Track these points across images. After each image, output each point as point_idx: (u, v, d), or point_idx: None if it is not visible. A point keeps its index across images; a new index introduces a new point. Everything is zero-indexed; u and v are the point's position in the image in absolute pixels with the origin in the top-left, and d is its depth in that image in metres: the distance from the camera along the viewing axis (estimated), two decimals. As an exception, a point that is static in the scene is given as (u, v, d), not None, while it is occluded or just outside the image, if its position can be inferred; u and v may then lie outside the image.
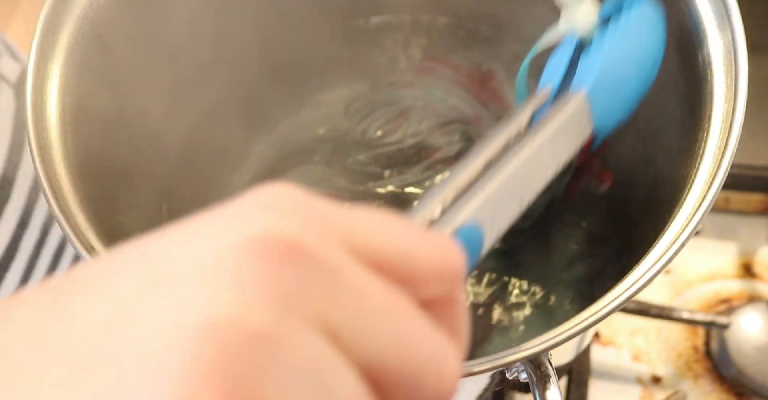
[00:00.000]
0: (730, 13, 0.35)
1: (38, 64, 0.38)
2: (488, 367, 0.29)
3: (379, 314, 0.16)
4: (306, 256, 0.15)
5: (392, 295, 0.16)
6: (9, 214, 0.52)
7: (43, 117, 0.37)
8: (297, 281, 0.15)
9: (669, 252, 0.31)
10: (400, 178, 0.54)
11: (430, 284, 0.17)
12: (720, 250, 0.61)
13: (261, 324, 0.14)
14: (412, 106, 0.56)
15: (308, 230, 0.15)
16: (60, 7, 0.39)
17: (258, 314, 0.14)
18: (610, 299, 0.30)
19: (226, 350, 0.13)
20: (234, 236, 0.15)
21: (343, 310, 0.15)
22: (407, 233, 0.17)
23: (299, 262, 0.15)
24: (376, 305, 0.16)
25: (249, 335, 0.13)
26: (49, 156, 0.36)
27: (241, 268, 0.14)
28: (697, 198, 0.32)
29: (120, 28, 0.42)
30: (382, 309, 0.16)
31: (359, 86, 0.57)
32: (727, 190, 0.60)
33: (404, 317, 0.16)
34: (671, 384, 0.56)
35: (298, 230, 0.15)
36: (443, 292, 0.17)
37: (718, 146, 0.33)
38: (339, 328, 0.15)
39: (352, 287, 0.15)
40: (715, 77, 0.35)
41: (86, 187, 0.37)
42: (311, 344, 0.14)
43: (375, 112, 0.56)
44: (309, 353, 0.14)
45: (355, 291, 0.16)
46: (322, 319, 0.15)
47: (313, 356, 0.14)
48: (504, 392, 0.53)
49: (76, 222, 0.34)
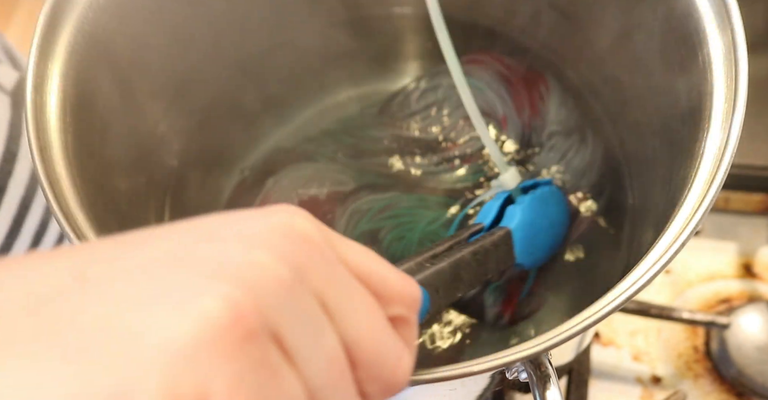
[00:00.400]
0: (730, 13, 0.35)
1: (38, 64, 0.38)
2: (488, 367, 0.29)
3: (363, 305, 0.21)
4: (318, 248, 0.20)
5: (371, 297, 0.21)
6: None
7: (43, 117, 0.37)
8: (308, 260, 0.20)
9: (669, 252, 0.31)
10: (413, 162, 0.54)
11: (395, 303, 0.22)
12: (720, 250, 0.61)
13: (283, 276, 0.19)
14: (448, 97, 0.56)
15: (319, 234, 0.21)
16: (60, 7, 0.39)
17: (281, 270, 0.19)
18: (610, 299, 0.30)
19: (261, 283, 0.18)
20: (270, 220, 0.20)
21: (338, 292, 0.20)
22: (384, 264, 0.23)
23: (313, 248, 0.20)
24: (361, 298, 0.21)
25: (275, 279, 0.18)
26: (49, 156, 0.36)
27: (274, 242, 0.19)
28: (697, 198, 0.32)
29: (120, 28, 0.42)
30: (364, 302, 0.21)
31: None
32: (727, 190, 0.60)
33: (378, 316, 0.21)
34: (671, 384, 0.56)
35: (313, 228, 0.21)
36: (403, 313, 0.22)
37: (718, 146, 0.33)
38: (332, 304, 0.20)
39: (345, 279, 0.21)
40: (715, 77, 0.35)
41: (86, 187, 0.37)
42: (311, 302, 0.19)
43: (409, 104, 0.57)
44: (310, 307, 0.19)
45: (347, 283, 0.21)
46: (320, 293, 0.20)
47: (312, 309, 0.19)
48: (504, 392, 0.53)
49: (76, 222, 0.34)
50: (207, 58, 0.51)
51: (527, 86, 0.55)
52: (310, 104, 0.59)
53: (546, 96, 0.55)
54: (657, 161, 0.44)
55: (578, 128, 0.53)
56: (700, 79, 0.36)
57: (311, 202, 0.53)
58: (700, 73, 0.36)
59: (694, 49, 0.37)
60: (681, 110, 0.39)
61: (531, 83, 0.55)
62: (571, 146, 0.53)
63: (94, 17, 0.40)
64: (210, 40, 0.50)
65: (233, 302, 0.17)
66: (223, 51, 0.52)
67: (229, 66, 0.54)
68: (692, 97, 0.37)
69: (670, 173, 0.39)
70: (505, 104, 0.55)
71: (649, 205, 0.45)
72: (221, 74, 0.53)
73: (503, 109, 0.55)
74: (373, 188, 0.53)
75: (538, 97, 0.55)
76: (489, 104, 0.55)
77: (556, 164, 0.53)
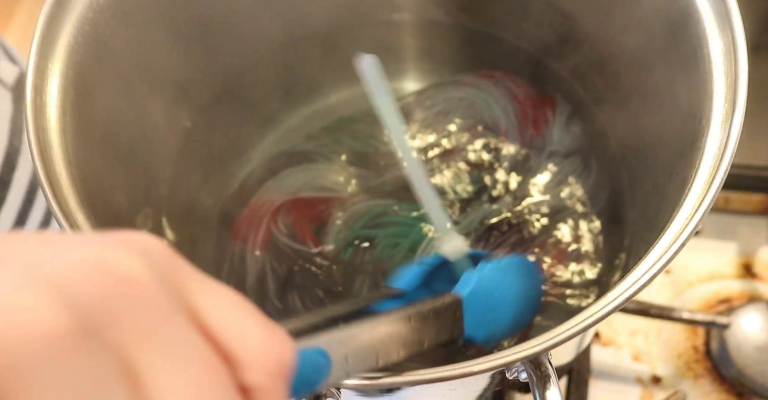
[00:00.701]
0: (730, 13, 0.35)
1: (38, 64, 0.37)
2: (488, 367, 0.29)
3: (195, 370, 0.16)
4: (139, 292, 0.15)
5: (214, 360, 0.16)
6: (5, 216, 0.52)
7: (43, 117, 0.37)
8: (116, 307, 0.15)
9: (669, 252, 0.31)
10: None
11: (252, 369, 0.17)
12: (720, 250, 0.61)
13: (57, 328, 0.14)
14: (455, 108, 0.56)
15: (149, 275, 0.16)
16: (60, 7, 0.39)
17: (58, 319, 0.14)
18: (610, 299, 0.30)
19: (22, 334, 0.13)
20: (82, 251, 0.16)
21: (158, 351, 0.15)
22: (248, 317, 0.18)
23: (130, 291, 0.15)
24: (194, 362, 0.16)
25: (46, 331, 0.14)
26: (49, 156, 0.36)
27: (69, 280, 0.15)
28: (697, 198, 0.32)
29: (120, 28, 0.42)
30: (198, 367, 0.16)
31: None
32: (727, 190, 0.60)
33: (216, 387, 0.16)
34: (671, 384, 0.56)
35: (139, 266, 0.16)
36: (263, 383, 0.17)
37: (718, 146, 0.33)
38: (143, 369, 0.15)
39: (178, 334, 0.16)
40: (715, 77, 0.35)
41: (86, 188, 0.37)
42: (103, 366, 0.14)
43: (414, 113, 0.57)
44: (100, 372, 0.14)
45: (180, 339, 0.16)
46: (127, 352, 0.15)
47: (102, 376, 0.14)
48: (504, 392, 0.53)
49: (77, 222, 0.34)
50: (207, 58, 0.51)
51: (534, 107, 0.55)
52: (309, 105, 0.59)
53: (551, 120, 0.55)
54: (657, 164, 0.44)
55: (580, 151, 0.54)
56: (700, 79, 0.36)
57: (308, 202, 0.53)
58: (700, 73, 0.36)
59: (694, 49, 0.37)
60: (681, 110, 0.39)
61: (539, 105, 0.55)
62: (574, 169, 0.53)
63: (94, 17, 0.40)
64: (210, 40, 0.50)
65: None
66: (223, 52, 0.52)
67: (229, 67, 0.54)
68: (692, 97, 0.37)
69: (670, 173, 0.39)
70: (509, 120, 0.55)
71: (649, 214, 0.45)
72: (221, 75, 0.53)
73: (506, 124, 0.55)
74: (372, 192, 0.53)
75: (543, 120, 0.55)
76: (493, 119, 0.55)
77: (556, 182, 0.53)
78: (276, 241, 0.51)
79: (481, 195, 0.53)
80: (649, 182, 0.46)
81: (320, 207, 0.53)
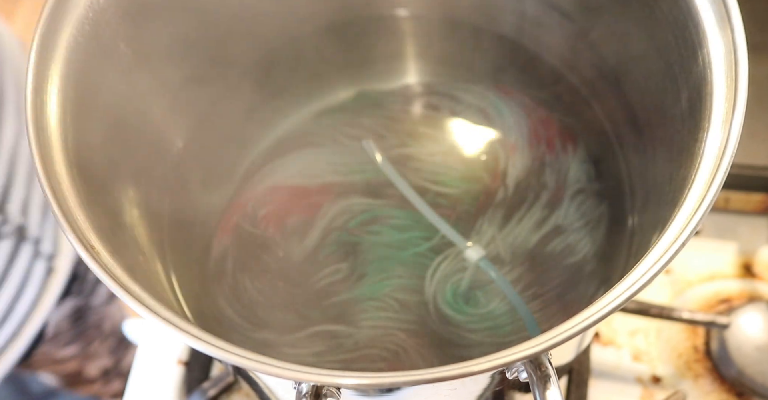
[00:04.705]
0: (730, 13, 0.35)
1: (38, 64, 0.37)
2: (488, 367, 0.29)
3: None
4: None
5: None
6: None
7: (43, 117, 0.37)
8: None
9: (669, 252, 0.31)
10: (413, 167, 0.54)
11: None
12: (720, 250, 0.61)
13: None
14: (462, 111, 0.57)
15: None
16: (60, 7, 0.39)
17: None
18: (610, 299, 0.30)
19: None
20: None
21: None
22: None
23: None
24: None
25: None
26: (49, 156, 0.36)
27: None
28: (697, 198, 0.32)
29: (120, 28, 0.42)
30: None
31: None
32: (727, 190, 0.60)
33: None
34: (671, 384, 0.56)
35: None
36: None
37: (718, 146, 0.33)
38: None
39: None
40: (715, 77, 0.35)
41: (86, 187, 0.37)
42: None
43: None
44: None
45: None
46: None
47: None
48: (504, 392, 0.53)
49: (77, 222, 0.34)
50: (208, 58, 0.51)
51: (545, 126, 0.55)
52: (310, 103, 0.59)
53: (572, 151, 0.54)
54: (657, 164, 0.44)
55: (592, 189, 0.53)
56: (700, 79, 0.36)
57: (301, 191, 0.53)
58: (700, 73, 0.36)
59: (694, 49, 0.37)
60: (681, 110, 0.39)
61: (552, 127, 0.55)
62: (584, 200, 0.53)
63: (94, 17, 0.40)
64: (211, 40, 0.50)
65: None
66: (224, 51, 0.52)
67: (230, 66, 0.54)
68: (692, 97, 0.37)
69: (670, 173, 0.39)
70: (520, 132, 0.55)
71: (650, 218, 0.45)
72: (222, 74, 0.53)
73: (516, 137, 0.55)
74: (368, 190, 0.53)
75: (559, 143, 0.54)
76: (504, 130, 0.55)
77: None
78: (241, 225, 0.53)
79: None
80: (649, 182, 0.46)
81: (312, 198, 0.53)
